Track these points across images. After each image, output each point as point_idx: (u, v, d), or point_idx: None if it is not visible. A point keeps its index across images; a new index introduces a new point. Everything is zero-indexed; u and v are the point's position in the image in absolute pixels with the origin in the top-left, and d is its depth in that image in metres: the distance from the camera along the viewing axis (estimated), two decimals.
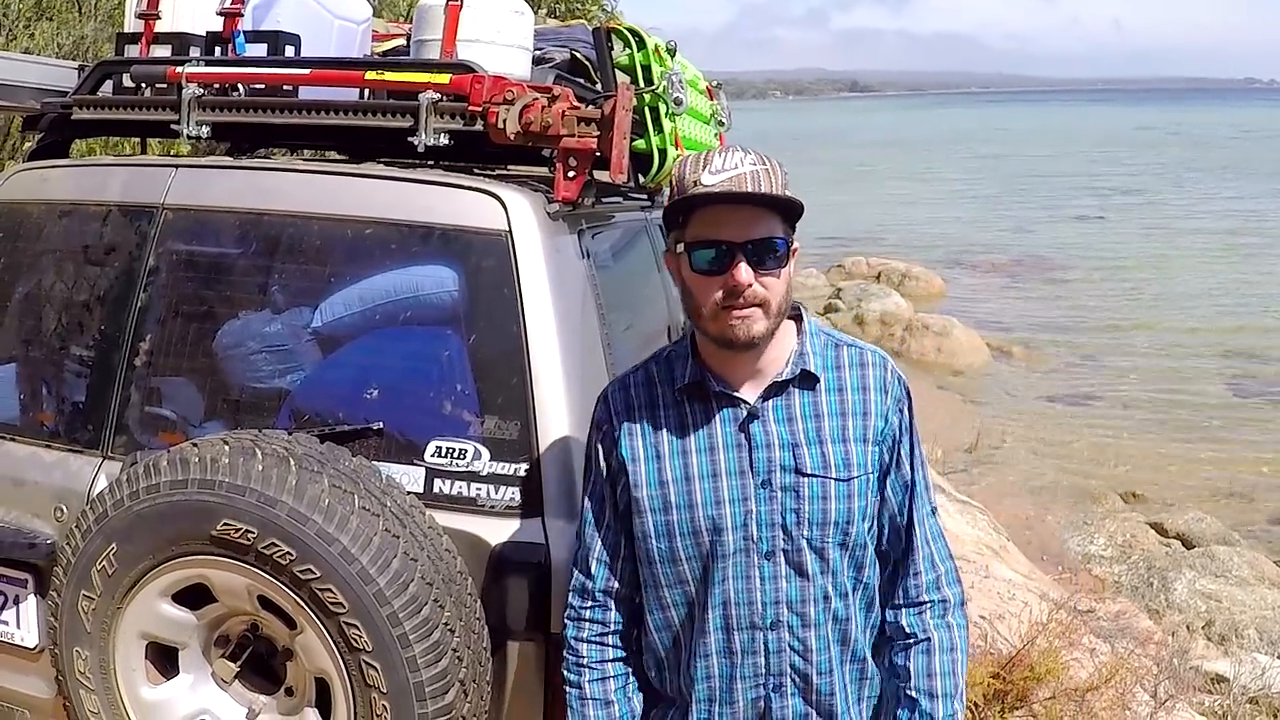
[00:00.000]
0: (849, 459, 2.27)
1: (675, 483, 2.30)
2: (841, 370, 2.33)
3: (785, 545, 2.26)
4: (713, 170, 2.15)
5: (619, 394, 2.41)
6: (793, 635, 2.28)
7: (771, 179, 2.17)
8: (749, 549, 2.26)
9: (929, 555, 2.36)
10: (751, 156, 2.18)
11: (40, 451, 3.16)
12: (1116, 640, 6.64)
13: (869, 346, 2.39)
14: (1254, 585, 9.44)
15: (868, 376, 2.33)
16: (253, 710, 2.82)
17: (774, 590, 2.27)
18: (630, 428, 2.36)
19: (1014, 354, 19.44)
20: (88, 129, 3.75)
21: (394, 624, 2.52)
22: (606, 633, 2.42)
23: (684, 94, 3.20)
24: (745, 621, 2.28)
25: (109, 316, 3.14)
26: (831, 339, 2.37)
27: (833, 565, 2.27)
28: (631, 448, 2.35)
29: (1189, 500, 12.40)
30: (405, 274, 2.94)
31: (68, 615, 2.78)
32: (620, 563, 2.40)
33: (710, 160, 2.17)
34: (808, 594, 2.27)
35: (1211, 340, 20.78)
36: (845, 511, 2.26)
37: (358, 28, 3.89)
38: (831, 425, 2.29)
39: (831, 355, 2.34)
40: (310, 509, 2.53)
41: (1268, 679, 6.76)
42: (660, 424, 2.34)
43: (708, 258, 2.19)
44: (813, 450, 2.27)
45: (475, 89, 2.96)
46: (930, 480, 2.44)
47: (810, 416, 2.29)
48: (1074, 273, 27.70)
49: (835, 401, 2.30)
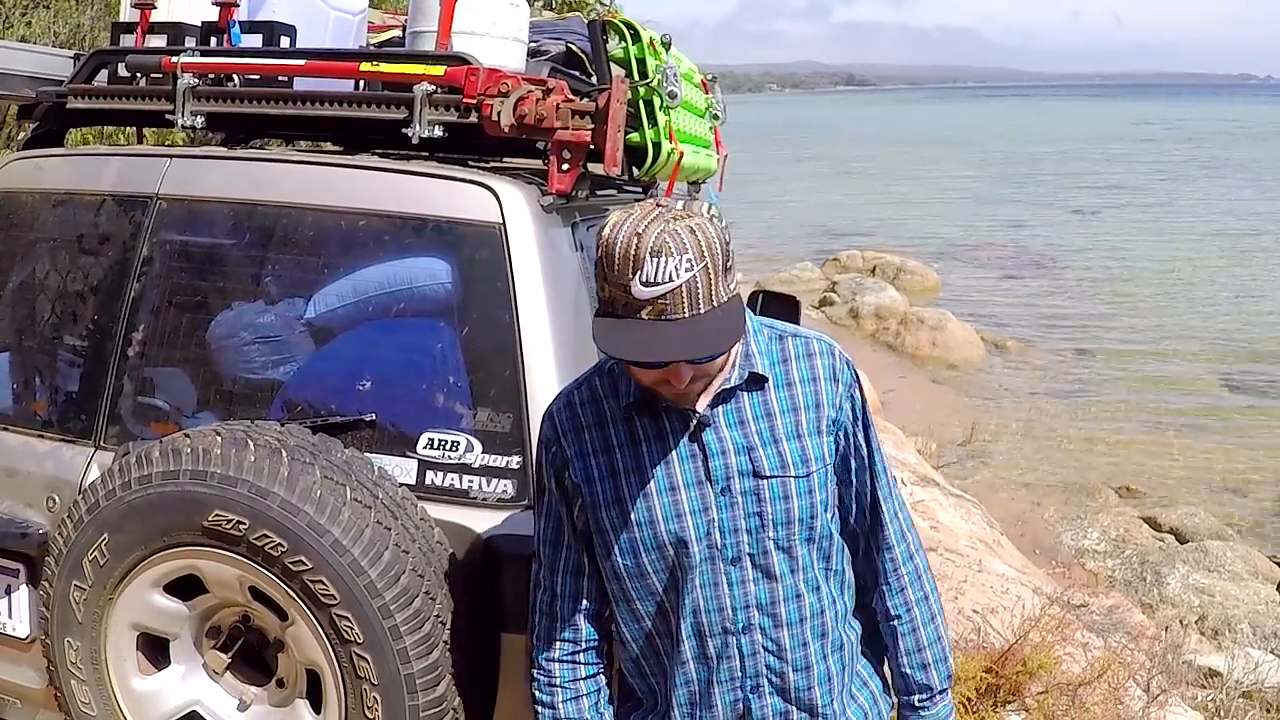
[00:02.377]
0: (805, 454, 2.24)
1: (633, 500, 2.24)
2: (789, 363, 2.27)
3: (750, 549, 2.22)
4: (645, 279, 1.97)
5: (564, 412, 2.31)
6: (765, 637, 2.25)
7: (713, 280, 2.00)
8: (714, 556, 2.22)
9: (898, 529, 2.38)
10: (688, 256, 1.97)
11: (33, 441, 3.16)
12: (1110, 635, 6.65)
13: (813, 334, 2.33)
14: (1247, 580, 9.47)
15: (816, 366, 2.28)
16: (244, 701, 2.82)
17: (743, 595, 2.23)
18: (581, 448, 2.28)
19: (1009, 348, 19.45)
20: (83, 118, 3.75)
21: (385, 616, 2.52)
22: (578, 650, 2.38)
23: (679, 87, 3.20)
24: (717, 628, 2.24)
25: (103, 306, 3.14)
26: (775, 331, 2.31)
27: (801, 562, 2.25)
28: (585, 468, 2.28)
29: (1183, 495, 12.42)
30: (399, 265, 2.94)
31: (59, 605, 2.78)
32: (585, 580, 2.35)
33: (640, 264, 1.96)
34: (777, 594, 2.24)
35: (1207, 336, 20.80)
36: (808, 507, 2.24)
37: (353, 19, 3.89)
38: (784, 422, 2.24)
39: (777, 349, 2.28)
40: (302, 500, 2.54)
41: (1261, 673, 6.78)
42: (611, 442, 2.27)
43: (641, 369, 2.11)
44: (768, 451, 2.22)
45: (470, 81, 2.95)
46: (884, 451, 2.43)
47: (762, 416, 2.24)
48: (1069, 267, 27.70)
49: (785, 397, 2.25)
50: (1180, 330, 21.26)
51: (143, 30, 3.58)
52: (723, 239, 2.04)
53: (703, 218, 2.04)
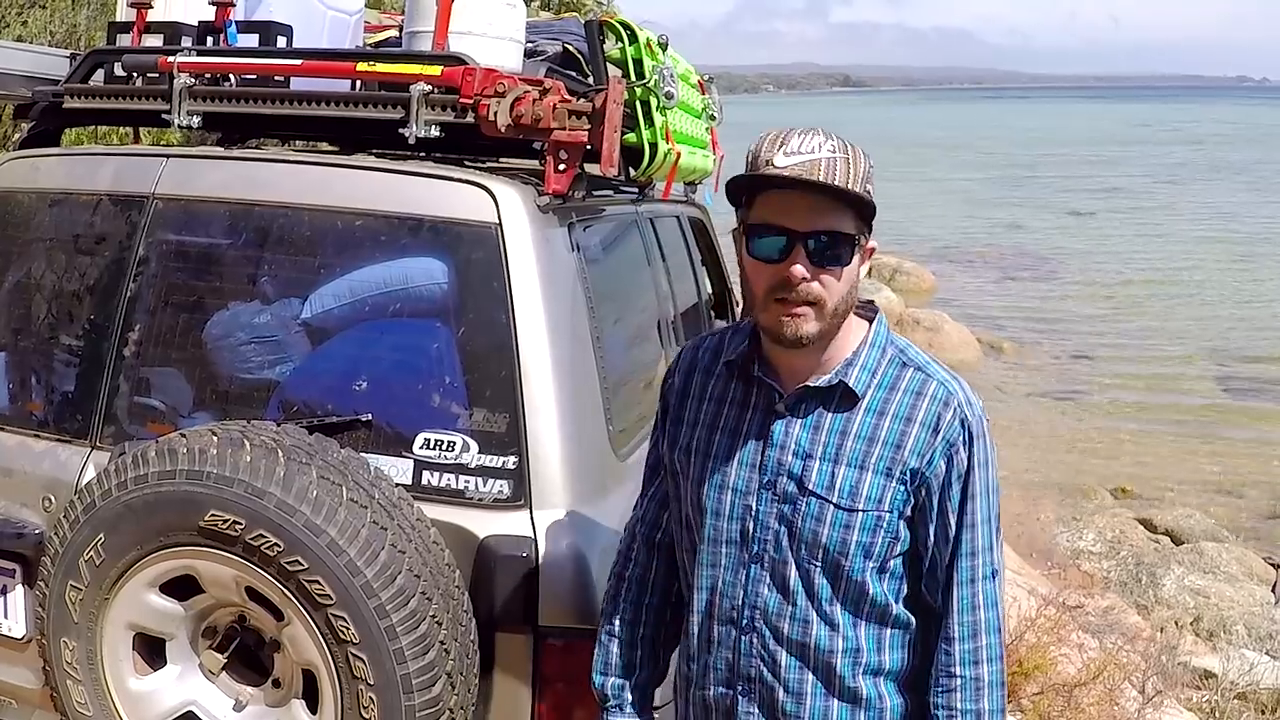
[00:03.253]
0: (858, 488, 2.10)
1: (695, 454, 2.24)
2: (894, 393, 2.13)
3: (774, 554, 2.15)
4: (787, 151, 1.99)
5: (690, 352, 2.35)
6: (763, 645, 2.17)
7: (851, 169, 2.01)
8: (741, 544, 2.17)
9: (971, 624, 2.14)
10: (832, 142, 2.02)
11: (29, 441, 3.15)
12: (1105, 636, 6.66)
13: (942, 377, 2.15)
14: (1242, 581, 9.49)
15: (919, 407, 2.11)
16: (240, 702, 2.81)
17: (754, 594, 2.17)
18: (685, 387, 2.31)
19: (1005, 350, 19.49)
20: (79, 118, 3.75)
21: (381, 616, 2.52)
22: (648, 576, 2.41)
23: (675, 88, 3.21)
24: (725, 615, 2.20)
25: (98, 306, 3.14)
26: (901, 357, 2.17)
27: (818, 592, 2.14)
28: (679, 407, 2.30)
29: (1178, 496, 12.45)
30: (395, 266, 2.94)
31: (55, 606, 2.78)
32: (666, 513, 2.38)
33: (787, 140, 2.01)
34: (785, 610, 2.15)
35: (1203, 338, 20.86)
36: (839, 542, 2.11)
37: (350, 19, 3.89)
38: (855, 447, 2.11)
39: (891, 374, 2.14)
40: (298, 500, 2.53)
41: (1256, 674, 6.78)
42: (708, 392, 2.26)
43: (765, 245, 2.03)
44: (824, 467, 2.11)
45: (467, 81, 2.95)
46: (994, 541, 2.17)
47: (837, 431, 2.12)
48: (1065, 269, 27.77)
49: (869, 424, 2.11)
50: (1177, 332, 21.33)
51: (139, 30, 3.58)
52: (868, 163, 2.07)
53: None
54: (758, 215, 2.06)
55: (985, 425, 2.15)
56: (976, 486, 2.12)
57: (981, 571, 2.14)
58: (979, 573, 2.14)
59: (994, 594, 2.16)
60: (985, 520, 2.14)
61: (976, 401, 2.16)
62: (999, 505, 2.18)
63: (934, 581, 2.16)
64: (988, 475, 2.14)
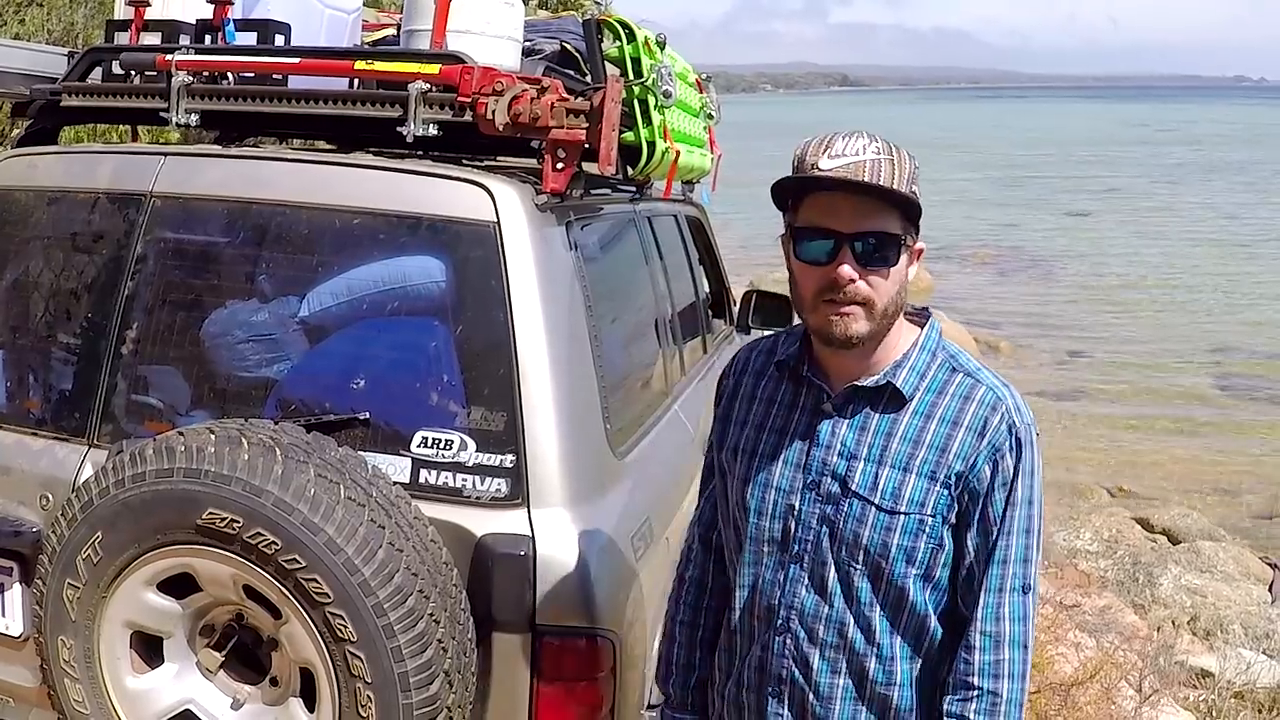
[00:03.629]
0: (901, 491, 2.09)
1: (743, 454, 2.25)
2: (942, 396, 2.12)
3: (814, 555, 2.14)
4: (832, 154, 2.00)
5: (745, 352, 2.37)
6: (796, 647, 2.17)
7: (896, 171, 2.01)
8: (783, 544, 2.18)
9: (994, 634, 2.10)
10: (877, 145, 2.02)
11: (26, 439, 3.15)
12: (1102, 635, 6.67)
13: (991, 383, 2.13)
14: (1239, 581, 9.49)
15: (966, 412, 2.09)
16: (237, 700, 2.81)
17: (791, 595, 2.17)
18: (738, 388, 2.32)
19: (1002, 349, 19.47)
20: (77, 116, 3.74)
21: (379, 614, 2.52)
22: (705, 577, 2.44)
23: (673, 87, 3.21)
24: (762, 614, 2.21)
25: (96, 304, 3.14)
26: (951, 362, 2.16)
27: (858, 595, 2.13)
28: (728, 406, 2.33)
29: (1175, 496, 12.45)
30: (393, 264, 2.94)
31: (53, 604, 2.78)
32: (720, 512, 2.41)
33: (832, 144, 2.01)
34: (821, 612, 2.15)
35: (1200, 337, 20.87)
36: (880, 545, 2.10)
37: (348, 17, 3.90)
38: (900, 450, 2.10)
39: (940, 378, 2.13)
40: (296, 498, 2.53)
41: (1253, 674, 6.79)
42: (758, 393, 2.28)
43: (813, 248, 2.04)
44: (868, 468, 2.11)
45: (464, 80, 2.95)
46: (1031, 555, 2.12)
47: (883, 432, 2.12)
48: (1062, 269, 27.79)
49: (917, 427, 2.11)
50: (1174, 333, 21.33)
51: (137, 28, 3.58)
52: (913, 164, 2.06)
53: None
54: (804, 218, 2.06)
55: (1034, 434, 2.12)
56: (1019, 494, 2.09)
57: (1012, 582, 2.10)
58: (1009, 583, 2.10)
59: (1022, 609, 2.11)
60: (1024, 530, 2.10)
61: (1026, 410, 2.13)
62: (1042, 522, 2.15)
63: (969, 592, 2.13)
64: (1032, 485, 2.10)
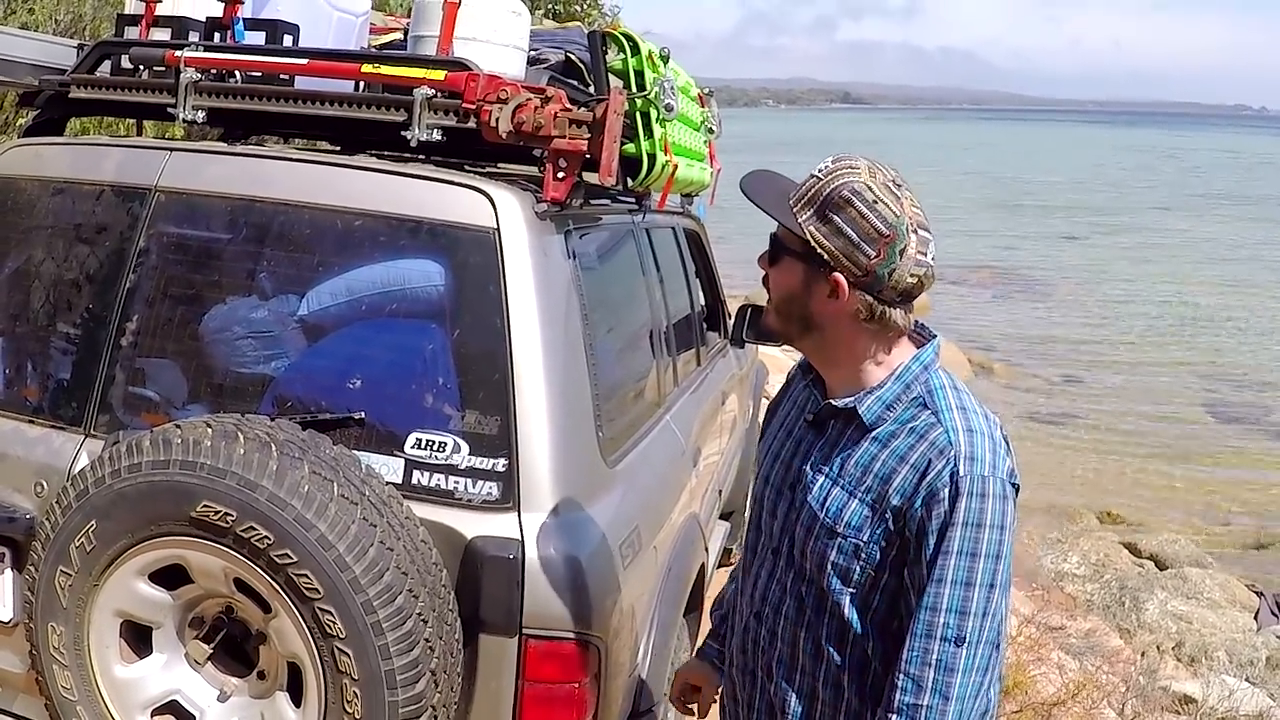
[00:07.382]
0: (842, 514, 2.11)
1: (765, 454, 2.37)
2: (902, 429, 2.10)
3: (786, 553, 2.24)
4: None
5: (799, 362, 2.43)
6: (771, 640, 2.26)
7: (810, 193, 2.07)
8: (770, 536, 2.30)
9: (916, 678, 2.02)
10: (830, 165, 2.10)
11: (23, 426, 3.17)
12: (1085, 657, 6.70)
13: (951, 425, 2.07)
14: (1225, 608, 9.53)
15: (915, 450, 2.06)
16: (224, 692, 2.83)
17: (766, 588, 2.29)
18: (782, 394, 2.45)
19: (995, 371, 19.53)
20: (84, 108, 3.77)
21: (368, 611, 2.54)
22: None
23: (675, 100, 3.23)
24: (746, 595, 2.35)
25: (97, 295, 3.15)
26: (926, 397, 2.12)
27: (806, 601, 2.19)
28: (777, 402, 2.46)
29: (1163, 522, 12.50)
30: (392, 266, 2.96)
31: (44, 591, 2.79)
32: None
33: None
34: (783, 607, 2.23)
35: (1192, 364, 20.94)
36: (818, 557, 2.14)
37: (356, 20, 3.92)
38: (852, 473, 2.11)
39: (910, 412, 2.11)
40: (290, 494, 2.55)
41: (1235, 700, 6.82)
42: (791, 397, 2.39)
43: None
44: (825, 484, 2.15)
45: (470, 86, 2.98)
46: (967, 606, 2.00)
47: (844, 452, 2.14)
48: (1058, 292, 27.84)
49: (870, 454, 2.11)
50: (1168, 359, 21.39)
51: (147, 23, 3.61)
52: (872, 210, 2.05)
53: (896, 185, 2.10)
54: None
55: (988, 486, 2.02)
56: (954, 544, 1.99)
57: (942, 631, 2.00)
58: (938, 630, 2.00)
59: (951, 659, 2.00)
60: (961, 582, 2.00)
61: (985, 462, 2.04)
62: (995, 576, 2.02)
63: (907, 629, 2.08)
64: (976, 537, 2.00)
